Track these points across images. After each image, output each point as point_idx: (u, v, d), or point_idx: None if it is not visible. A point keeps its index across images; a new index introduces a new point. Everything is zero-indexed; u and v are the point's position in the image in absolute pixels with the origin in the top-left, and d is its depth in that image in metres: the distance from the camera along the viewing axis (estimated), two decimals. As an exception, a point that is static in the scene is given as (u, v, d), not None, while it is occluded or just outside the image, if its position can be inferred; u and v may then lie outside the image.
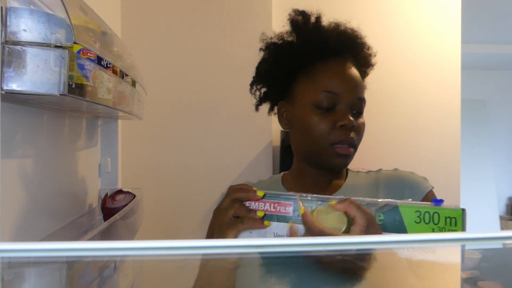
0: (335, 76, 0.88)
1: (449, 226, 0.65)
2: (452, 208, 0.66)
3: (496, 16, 3.19)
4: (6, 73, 0.54)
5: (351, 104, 0.87)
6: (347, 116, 0.85)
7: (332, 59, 0.90)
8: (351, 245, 0.43)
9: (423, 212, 0.67)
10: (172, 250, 0.36)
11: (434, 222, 0.66)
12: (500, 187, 4.46)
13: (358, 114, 0.88)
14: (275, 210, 0.72)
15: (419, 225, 0.66)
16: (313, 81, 0.89)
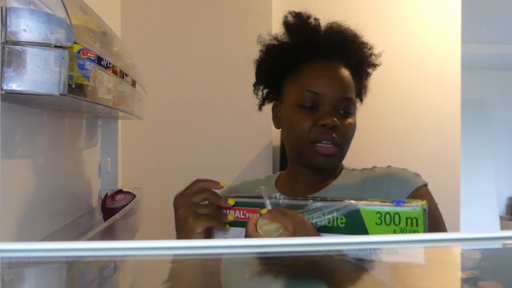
0: (318, 76, 0.89)
1: (410, 227, 0.65)
2: (412, 208, 0.66)
3: (496, 16, 3.19)
4: (6, 73, 0.54)
5: (335, 104, 0.87)
6: (328, 116, 0.85)
7: (320, 59, 0.90)
8: (350, 245, 0.43)
9: (384, 214, 0.67)
10: (172, 250, 0.37)
11: (395, 223, 0.67)
12: (500, 187, 4.46)
13: (345, 114, 0.88)
14: (245, 217, 0.75)
15: (380, 227, 0.67)
16: (298, 81, 0.90)
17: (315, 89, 0.87)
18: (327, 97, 0.87)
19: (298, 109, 0.88)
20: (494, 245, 0.44)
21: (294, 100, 0.89)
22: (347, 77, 0.90)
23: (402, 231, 0.66)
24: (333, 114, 0.87)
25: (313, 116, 0.87)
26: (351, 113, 0.89)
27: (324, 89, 0.87)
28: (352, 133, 0.90)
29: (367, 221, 0.68)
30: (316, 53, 0.91)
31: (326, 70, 0.89)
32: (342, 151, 0.89)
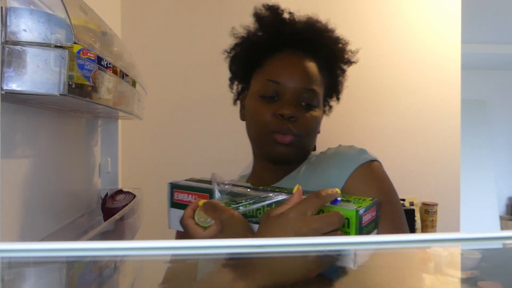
0: (281, 66, 0.87)
1: (342, 228, 0.63)
2: (345, 208, 0.64)
3: (496, 16, 3.19)
4: (6, 73, 0.54)
5: (296, 95, 0.85)
6: (286, 105, 0.83)
7: (287, 51, 0.89)
8: (350, 246, 0.43)
9: (318, 211, 0.64)
10: (172, 250, 0.37)
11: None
12: (500, 187, 4.46)
13: (308, 106, 0.86)
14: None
15: None
16: (262, 71, 0.90)
17: (276, 79, 0.86)
18: (288, 87, 0.85)
19: (260, 99, 0.87)
20: (494, 245, 0.44)
21: (256, 90, 0.89)
22: (312, 69, 0.88)
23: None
24: (294, 105, 0.85)
25: (273, 106, 0.85)
26: (314, 106, 0.87)
27: (285, 79, 0.86)
28: (312, 126, 0.87)
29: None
30: (284, 45, 0.89)
31: (289, 60, 0.88)
32: (301, 142, 0.86)
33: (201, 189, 0.75)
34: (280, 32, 0.90)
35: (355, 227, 0.63)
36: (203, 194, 0.74)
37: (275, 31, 0.91)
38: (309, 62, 0.88)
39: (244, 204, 0.70)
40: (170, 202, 0.79)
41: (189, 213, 0.71)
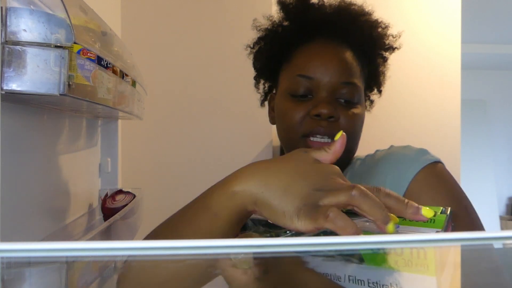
0: (311, 58, 0.75)
1: (417, 259, 0.46)
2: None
3: (496, 16, 3.19)
4: (6, 73, 0.54)
5: (332, 91, 0.74)
6: (323, 104, 0.72)
7: (317, 40, 0.77)
8: (350, 246, 0.43)
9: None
10: (172, 250, 0.37)
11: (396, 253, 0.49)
12: (500, 187, 4.46)
13: (348, 103, 0.75)
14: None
15: (378, 255, 0.50)
16: (290, 66, 0.78)
17: (308, 73, 0.74)
18: (322, 82, 0.74)
19: (290, 98, 0.76)
20: (494, 245, 0.44)
21: (285, 88, 0.77)
22: (349, 59, 0.76)
23: (406, 264, 0.50)
24: (331, 102, 0.73)
25: (306, 105, 0.74)
26: (355, 102, 0.75)
27: (318, 73, 0.74)
28: (356, 125, 0.75)
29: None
30: (314, 35, 0.78)
31: (322, 51, 0.76)
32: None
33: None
34: (309, 19, 0.78)
35: (434, 259, 0.49)
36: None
37: (303, 19, 0.79)
38: (345, 51, 0.76)
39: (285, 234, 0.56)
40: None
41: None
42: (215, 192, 0.54)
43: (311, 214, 0.45)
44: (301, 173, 0.48)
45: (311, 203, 0.45)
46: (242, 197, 0.50)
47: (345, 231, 0.43)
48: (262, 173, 0.50)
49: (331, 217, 0.43)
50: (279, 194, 0.47)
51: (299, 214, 0.45)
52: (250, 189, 0.49)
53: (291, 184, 0.47)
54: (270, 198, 0.48)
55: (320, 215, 0.44)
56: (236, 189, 0.51)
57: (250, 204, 0.50)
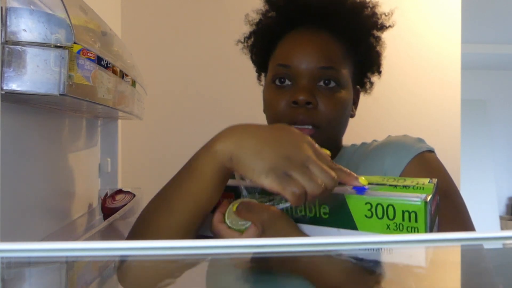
0: (289, 47, 0.76)
1: (408, 222, 0.53)
2: (410, 200, 0.53)
3: (496, 16, 3.19)
4: (6, 73, 0.54)
5: (312, 78, 0.73)
6: (300, 91, 0.72)
7: (299, 29, 0.78)
8: (350, 245, 0.43)
9: (375, 205, 0.54)
10: (172, 250, 0.37)
11: (388, 217, 0.54)
12: (500, 187, 4.46)
13: (329, 89, 0.74)
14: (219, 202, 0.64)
15: (371, 220, 0.55)
16: (274, 55, 0.79)
17: (285, 62, 0.75)
18: (299, 69, 0.73)
19: (273, 88, 0.77)
20: (494, 245, 0.44)
21: (269, 77, 0.78)
22: (327, 43, 0.75)
23: (397, 227, 0.53)
24: (309, 88, 0.73)
25: (287, 93, 0.74)
26: (337, 87, 0.74)
27: (295, 60, 0.74)
28: (337, 111, 0.74)
29: (355, 213, 0.55)
30: (297, 23, 0.79)
31: (299, 38, 0.76)
32: (325, 133, 0.74)
33: (227, 187, 0.65)
34: (292, 9, 0.79)
35: (423, 221, 0.52)
36: (227, 192, 0.65)
37: (286, 9, 0.80)
38: (323, 36, 0.76)
39: (281, 200, 0.60)
40: None
41: (219, 217, 0.62)
42: (200, 154, 0.63)
43: (279, 178, 0.52)
44: (274, 139, 0.56)
45: (280, 169, 0.53)
46: (221, 155, 0.58)
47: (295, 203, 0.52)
48: (239, 135, 0.59)
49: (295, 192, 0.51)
50: (251, 154, 0.55)
51: (268, 174, 0.53)
52: (228, 147, 0.58)
53: (263, 148, 0.55)
54: (243, 156, 0.56)
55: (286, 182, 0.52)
56: (216, 148, 0.59)
57: (227, 160, 0.57)
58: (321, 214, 0.58)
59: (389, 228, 0.54)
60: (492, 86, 4.50)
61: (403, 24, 1.90)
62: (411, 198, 0.53)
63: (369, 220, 0.55)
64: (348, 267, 0.48)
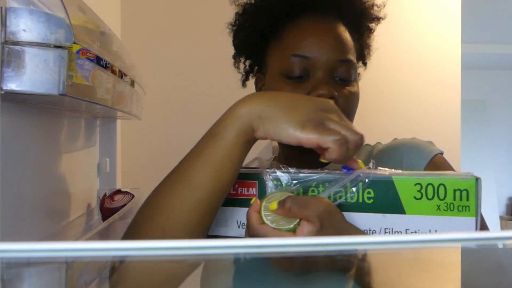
0: (307, 35, 0.71)
1: (459, 201, 0.51)
2: (461, 177, 0.52)
3: (496, 16, 3.19)
4: (5, 73, 0.53)
5: (330, 70, 0.70)
6: (322, 85, 0.68)
7: (309, 15, 0.73)
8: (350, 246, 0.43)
9: (425, 185, 0.52)
10: (172, 250, 0.36)
11: (439, 197, 0.52)
12: (500, 187, 4.46)
13: (344, 81, 0.71)
14: (236, 193, 0.58)
15: (420, 202, 0.53)
16: (282, 44, 0.73)
17: (303, 53, 0.70)
18: (319, 62, 0.69)
19: (284, 80, 0.71)
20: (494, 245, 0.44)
21: (279, 69, 0.73)
22: (344, 34, 0.72)
23: (448, 207, 0.52)
24: (329, 82, 0.69)
25: (304, 86, 0.70)
26: (352, 80, 0.72)
27: (315, 52, 0.69)
28: (354, 105, 0.72)
29: (403, 195, 0.53)
30: (303, 8, 0.73)
31: (316, 27, 0.71)
32: None
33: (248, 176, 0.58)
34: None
35: (475, 199, 0.51)
36: (249, 181, 0.59)
37: None
38: (340, 26, 0.72)
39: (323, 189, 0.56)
40: None
41: (258, 218, 0.54)
42: (221, 119, 0.58)
43: (317, 128, 0.52)
44: (304, 98, 0.57)
45: (317, 119, 0.52)
46: (247, 115, 0.55)
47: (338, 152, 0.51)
48: (268, 95, 0.58)
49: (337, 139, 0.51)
50: (285, 108, 0.54)
51: (304, 126, 0.52)
52: (256, 107, 0.55)
53: (296, 102, 0.54)
54: (275, 112, 0.54)
55: (325, 131, 0.51)
56: (241, 111, 0.56)
57: (255, 119, 0.55)
58: (365, 199, 0.55)
59: (439, 209, 0.53)
60: (492, 86, 4.50)
61: (403, 24, 1.90)
62: (462, 176, 0.52)
63: (418, 202, 0.53)
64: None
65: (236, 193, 0.59)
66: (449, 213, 0.53)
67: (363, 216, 0.55)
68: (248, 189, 0.58)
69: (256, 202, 0.55)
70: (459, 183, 0.52)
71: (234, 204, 0.59)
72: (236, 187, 0.59)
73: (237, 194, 0.59)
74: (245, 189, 0.59)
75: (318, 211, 0.52)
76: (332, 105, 0.57)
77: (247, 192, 0.59)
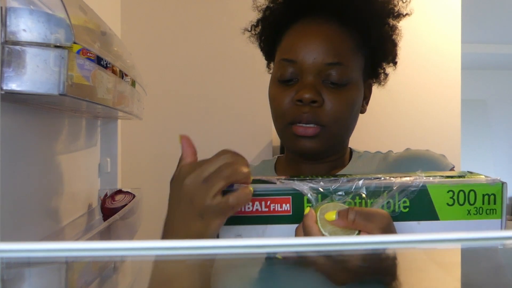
0: (295, 39, 0.70)
1: (487, 205, 0.55)
2: (489, 183, 0.55)
3: (496, 16, 3.19)
4: (5, 73, 0.53)
5: (318, 73, 0.68)
6: (304, 88, 0.67)
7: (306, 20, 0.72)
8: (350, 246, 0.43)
9: (457, 192, 0.55)
10: (172, 250, 0.36)
11: (469, 202, 0.55)
12: (500, 187, 4.45)
13: (336, 85, 0.69)
14: (269, 210, 0.56)
15: (453, 208, 0.55)
16: (278, 49, 0.74)
17: (291, 56, 0.69)
18: (306, 65, 0.68)
19: (277, 84, 0.71)
20: (494, 245, 0.44)
21: (274, 74, 0.73)
22: (336, 36, 0.70)
23: (477, 211, 0.55)
24: (315, 85, 0.68)
25: (291, 90, 0.69)
26: (344, 84, 0.69)
27: (301, 55, 0.68)
28: (345, 109, 0.70)
29: (436, 202, 0.55)
30: (305, 12, 0.72)
31: (307, 31, 0.70)
32: (330, 132, 0.70)
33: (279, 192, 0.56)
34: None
35: (500, 203, 0.55)
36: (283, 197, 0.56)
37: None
38: (332, 28, 0.70)
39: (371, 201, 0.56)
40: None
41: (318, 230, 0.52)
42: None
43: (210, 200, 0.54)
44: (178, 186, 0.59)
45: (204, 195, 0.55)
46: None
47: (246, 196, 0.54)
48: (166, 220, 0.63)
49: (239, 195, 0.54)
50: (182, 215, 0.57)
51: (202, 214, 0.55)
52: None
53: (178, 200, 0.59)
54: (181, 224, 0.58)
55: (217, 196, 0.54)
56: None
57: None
58: (401, 208, 0.56)
59: (470, 213, 0.56)
60: (492, 86, 4.50)
61: (403, 24, 1.90)
62: (490, 182, 0.55)
63: (451, 208, 0.56)
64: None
65: (269, 210, 0.57)
66: (478, 217, 0.56)
67: (401, 225, 0.56)
68: (282, 205, 0.57)
69: (312, 213, 0.54)
70: (488, 188, 0.55)
71: (267, 222, 0.57)
72: (268, 204, 0.57)
73: (270, 211, 0.57)
74: (278, 205, 0.57)
75: (383, 224, 0.52)
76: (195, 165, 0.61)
77: (280, 209, 0.57)
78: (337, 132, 0.72)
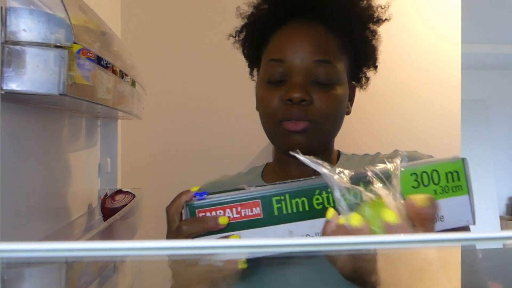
0: (282, 39, 0.73)
1: (452, 183, 0.56)
2: (450, 161, 0.56)
3: (496, 16, 3.19)
4: (5, 73, 0.53)
5: (306, 73, 0.70)
6: (294, 88, 0.69)
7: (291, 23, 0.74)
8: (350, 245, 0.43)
9: (420, 174, 0.55)
10: (172, 250, 0.36)
11: (434, 183, 0.56)
12: (500, 187, 4.46)
13: (324, 84, 0.70)
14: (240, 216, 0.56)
15: (418, 190, 0.55)
16: (266, 51, 0.76)
17: (278, 56, 0.71)
18: (294, 64, 0.70)
19: (265, 85, 0.73)
20: (494, 245, 0.44)
21: (261, 76, 0.75)
22: (322, 36, 0.72)
23: (444, 191, 0.56)
24: (303, 85, 0.70)
25: (280, 90, 0.71)
26: (333, 83, 0.71)
27: (289, 54, 0.70)
28: (333, 108, 0.72)
29: (403, 186, 0.54)
30: (289, 16, 0.75)
31: (293, 32, 0.73)
32: (320, 127, 0.71)
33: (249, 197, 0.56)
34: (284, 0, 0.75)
35: (464, 178, 0.56)
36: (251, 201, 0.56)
37: (279, 0, 0.76)
38: (318, 30, 0.73)
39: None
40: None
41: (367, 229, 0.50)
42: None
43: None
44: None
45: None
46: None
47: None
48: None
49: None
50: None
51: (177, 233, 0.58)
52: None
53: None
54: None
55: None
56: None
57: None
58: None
59: (437, 193, 0.56)
60: (492, 86, 4.50)
61: (403, 24, 1.90)
62: (450, 159, 0.56)
63: (417, 190, 0.56)
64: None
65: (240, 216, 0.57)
66: (445, 195, 0.57)
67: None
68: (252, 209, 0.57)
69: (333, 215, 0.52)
70: (450, 166, 0.56)
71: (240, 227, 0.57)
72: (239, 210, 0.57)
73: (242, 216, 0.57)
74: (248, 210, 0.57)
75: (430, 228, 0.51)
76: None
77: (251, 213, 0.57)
78: (326, 129, 0.73)
